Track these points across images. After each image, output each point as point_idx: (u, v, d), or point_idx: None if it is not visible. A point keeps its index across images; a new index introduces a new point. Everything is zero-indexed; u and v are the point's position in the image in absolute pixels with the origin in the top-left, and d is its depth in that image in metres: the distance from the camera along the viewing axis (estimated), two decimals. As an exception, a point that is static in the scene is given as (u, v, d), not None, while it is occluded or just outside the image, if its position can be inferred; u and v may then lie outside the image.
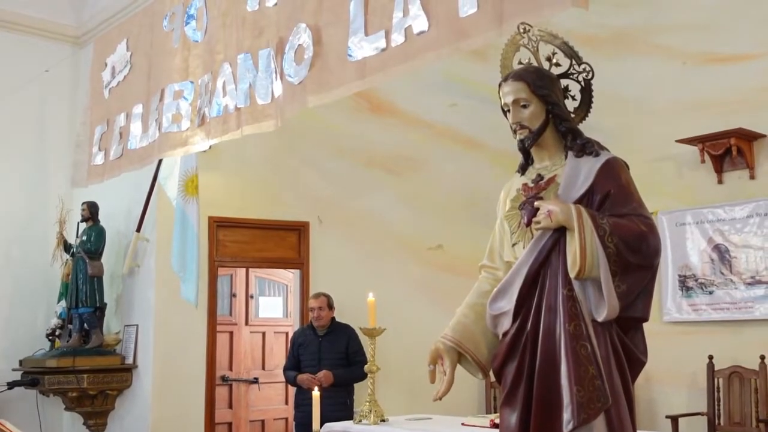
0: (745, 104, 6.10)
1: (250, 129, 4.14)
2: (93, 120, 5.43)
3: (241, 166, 6.63)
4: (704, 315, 6.32)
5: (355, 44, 3.41)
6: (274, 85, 3.92)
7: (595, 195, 2.67)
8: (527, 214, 2.74)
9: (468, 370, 2.91)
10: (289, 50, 3.80)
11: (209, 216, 6.40)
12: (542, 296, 2.64)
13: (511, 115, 2.81)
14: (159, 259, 6.25)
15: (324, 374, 5.82)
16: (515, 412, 2.63)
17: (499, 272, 2.90)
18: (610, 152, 2.79)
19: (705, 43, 6.27)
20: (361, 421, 4.60)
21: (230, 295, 7.82)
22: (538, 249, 2.68)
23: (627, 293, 2.56)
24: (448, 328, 2.90)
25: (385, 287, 5.72)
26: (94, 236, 6.37)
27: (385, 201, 7.18)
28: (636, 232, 2.60)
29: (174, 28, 4.64)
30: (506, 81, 2.83)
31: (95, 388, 6.22)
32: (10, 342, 6.70)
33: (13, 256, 6.92)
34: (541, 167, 2.85)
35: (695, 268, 6.38)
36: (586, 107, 2.93)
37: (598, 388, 2.50)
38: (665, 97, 6.51)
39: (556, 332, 2.58)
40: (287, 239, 6.89)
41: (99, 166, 5.25)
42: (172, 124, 4.55)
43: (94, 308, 6.33)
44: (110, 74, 5.26)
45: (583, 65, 2.86)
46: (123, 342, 6.50)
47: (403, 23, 3.19)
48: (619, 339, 2.61)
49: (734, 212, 6.19)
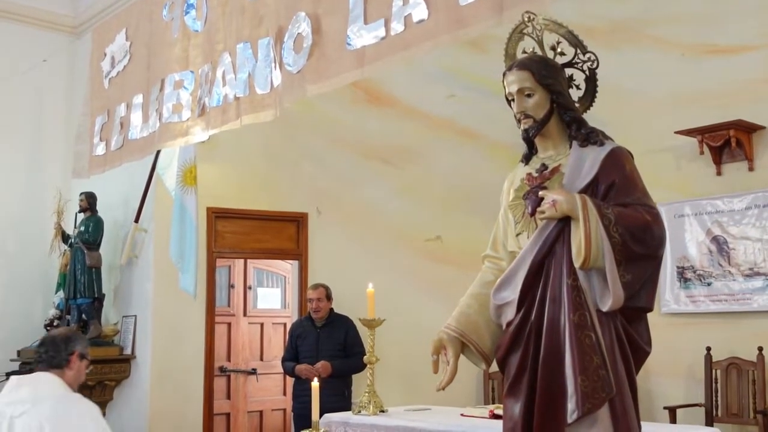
0: (744, 96, 6.09)
1: (249, 119, 4.12)
2: (93, 110, 5.40)
3: (240, 157, 6.62)
4: (702, 306, 6.33)
5: (355, 33, 3.38)
6: (273, 75, 3.90)
7: (599, 184, 2.67)
8: (531, 204, 2.73)
9: (471, 360, 2.90)
10: (288, 39, 3.78)
11: (208, 207, 6.39)
12: (546, 286, 2.64)
13: (516, 104, 2.81)
14: (157, 249, 6.24)
15: (322, 365, 5.82)
16: (519, 402, 2.63)
17: (502, 262, 2.90)
18: (614, 142, 2.79)
19: (704, 35, 6.26)
20: (360, 411, 4.60)
21: (228, 286, 7.81)
22: (542, 239, 2.67)
23: (632, 283, 2.56)
24: (452, 319, 2.89)
25: (383, 278, 5.71)
26: (92, 227, 6.36)
27: (384, 192, 7.17)
28: (641, 221, 2.60)
29: (173, 18, 4.61)
30: (510, 70, 2.82)
31: (93, 378, 6.20)
32: (8, 332, 6.69)
33: (11, 247, 6.90)
34: (545, 157, 2.85)
35: (693, 259, 6.38)
36: (590, 96, 2.93)
37: (603, 378, 2.50)
38: (664, 89, 6.50)
39: (561, 322, 2.58)
40: (286, 230, 6.88)
41: (100, 156, 5.23)
42: (172, 114, 4.53)
43: (92, 299, 6.32)
44: (110, 64, 5.23)
45: (588, 54, 2.85)
46: (121, 333, 6.50)
47: (403, 11, 3.17)
48: (623, 329, 2.61)
49: (733, 204, 6.19)
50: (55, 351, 3.35)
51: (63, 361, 3.34)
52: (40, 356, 3.37)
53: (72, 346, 3.38)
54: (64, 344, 3.37)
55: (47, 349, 3.36)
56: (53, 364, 3.34)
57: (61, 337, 3.40)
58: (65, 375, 3.35)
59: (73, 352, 3.38)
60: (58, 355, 3.35)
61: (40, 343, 3.45)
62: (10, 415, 3.16)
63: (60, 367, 3.34)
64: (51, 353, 3.35)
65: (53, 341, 3.39)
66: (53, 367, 3.34)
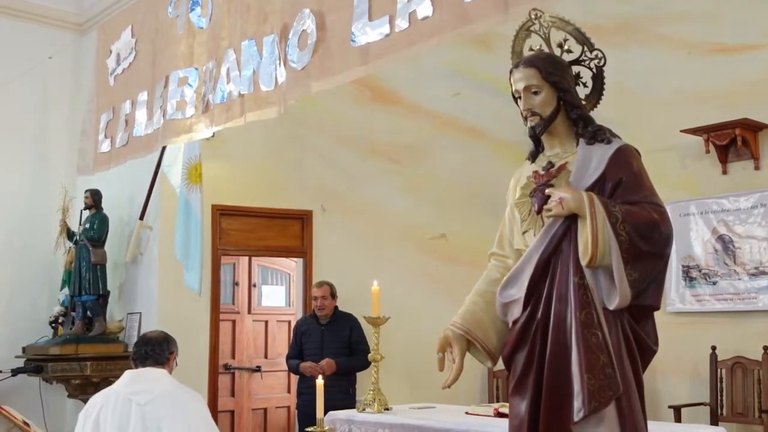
0: (751, 94, 6.07)
1: (253, 116, 4.11)
2: (99, 107, 5.40)
3: (245, 155, 6.61)
4: (708, 305, 6.32)
5: (359, 30, 3.38)
6: (278, 72, 3.90)
7: (606, 182, 2.66)
8: (538, 202, 2.72)
9: (477, 358, 2.90)
10: (293, 36, 3.78)
11: (212, 204, 6.38)
12: (553, 284, 2.63)
13: (522, 101, 2.79)
14: (162, 247, 6.23)
15: (327, 362, 5.81)
16: (525, 400, 2.62)
17: (509, 260, 2.89)
18: (621, 140, 2.77)
19: (710, 33, 6.24)
20: (365, 409, 4.59)
21: (233, 284, 7.81)
22: (549, 237, 2.66)
23: (639, 281, 2.55)
24: (458, 316, 2.89)
25: (388, 276, 5.70)
26: (97, 224, 6.36)
27: (389, 190, 7.17)
28: (648, 219, 2.59)
29: (179, 15, 4.60)
30: (517, 67, 2.81)
31: (98, 375, 6.21)
32: (13, 329, 6.69)
33: (16, 244, 6.90)
34: (551, 154, 2.84)
35: (699, 258, 6.37)
36: (597, 94, 2.91)
37: (609, 377, 2.49)
38: (670, 87, 6.48)
39: (567, 320, 2.57)
40: (290, 228, 6.87)
41: (105, 153, 5.22)
42: (176, 111, 4.52)
43: (97, 296, 6.32)
44: (115, 61, 5.23)
45: (595, 52, 2.84)
46: (126, 330, 6.50)
47: (407, 8, 3.16)
48: (630, 327, 2.60)
49: (738, 203, 6.18)
50: (160, 350, 3.91)
51: (165, 359, 3.91)
52: (146, 354, 3.89)
53: (170, 347, 3.96)
54: (165, 344, 3.94)
55: (153, 348, 3.90)
56: (159, 361, 3.89)
57: (161, 339, 3.97)
58: (167, 370, 3.91)
59: (172, 352, 3.96)
60: (162, 353, 3.90)
61: (143, 343, 3.96)
62: (136, 402, 3.68)
63: (163, 364, 3.89)
64: (157, 351, 3.90)
65: (157, 342, 3.94)
66: (159, 363, 3.89)
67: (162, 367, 3.88)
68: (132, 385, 3.81)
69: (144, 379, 3.83)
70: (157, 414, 3.65)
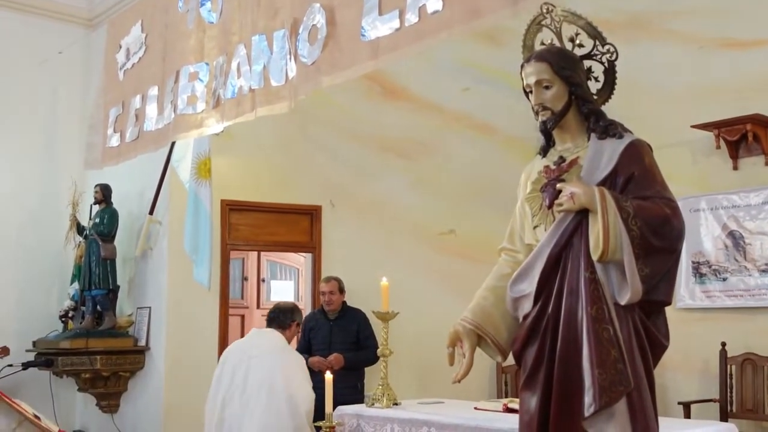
0: (762, 90, 6.04)
1: (263, 111, 4.10)
2: (108, 102, 5.40)
3: (254, 150, 6.62)
4: (718, 302, 6.29)
5: (369, 24, 3.37)
6: (288, 66, 3.89)
7: (618, 177, 2.65)
8: (549, 197, 2.71)
9: (487, 353, 2.89)
10: (303, 31, 3.76)
11: (222, 199, 6.39)
12: (564, 279, 2.62)
13: (534, 96, 2.79)
14: (171, 241, 6.25)
15: (335, 357, 5.82)
16: (535, 395, 2.62)
17: (519, 255, 2.89)
18: (633, 134, 2.76)
19: (721, 28, 6.21)
20: (374, 404, 4.59)
21: (242, 279, 7.83)
22: (560, 231, 2.66)
23: (650, 276, 2.54)
24: (468, 311, 2.88)
25: (397, 272, 5.70)
26: (107, 218, 6.38)
27: (398, 186, 7.16)
28: (660, 215, 2.58)
29: (189, 10, 4.60)
30: (529, 62, 2.80)
31: (108, 369, 6.25)
32: (24, 323, 6.73)
33: (27, 239, 6.93)
34: (563, 149, 2.83)
35: (709, 254, 6.34)
36: (609, 89, 2.91)
37: (620, 372, 2.48)
38: (681, 83, 6.45)
39: (578, 315, 2.56)
40: (299, 223, 6.88)
41: (114, 148, 5.22)
42: (187, 106, 4.52)
43: (107, 290, 6.34)
44: (125, 56, 5.23)
45: (607, 46, 2.83)
46: (136, 324, 6.52)
47: (417, 2, 3.15)
48: (641, 322, 2.60)
49: (749, 198, 6.15)
50: (285, 316, 4.71)
51: (287, 324, 4.70)
52: (273, 318, 4.73)
53: (294, 317, 4.76)
54: (290, 313, 4.76)
55: (280, 314, 4.72)
56: (281, 325, 4.69)
57: (288, 308, 4.82)
58: (285, 334, 4.69)
59: (294, 320, 4.74)
60: (286, 320, 4.71)
61: (274, 308, 4.81)
62: (249, 355, 4.56)
63: (284, 328, 4.69)
64: (282, 317, 4.70)
65: (284, 310, 4.77)
66: (280, 327, 4.69)
67: (283, 331, 4.66)
68: (251, 339, 4.76)
69: (262, 337, 4.69)
70: (261, 364, 4.48)
